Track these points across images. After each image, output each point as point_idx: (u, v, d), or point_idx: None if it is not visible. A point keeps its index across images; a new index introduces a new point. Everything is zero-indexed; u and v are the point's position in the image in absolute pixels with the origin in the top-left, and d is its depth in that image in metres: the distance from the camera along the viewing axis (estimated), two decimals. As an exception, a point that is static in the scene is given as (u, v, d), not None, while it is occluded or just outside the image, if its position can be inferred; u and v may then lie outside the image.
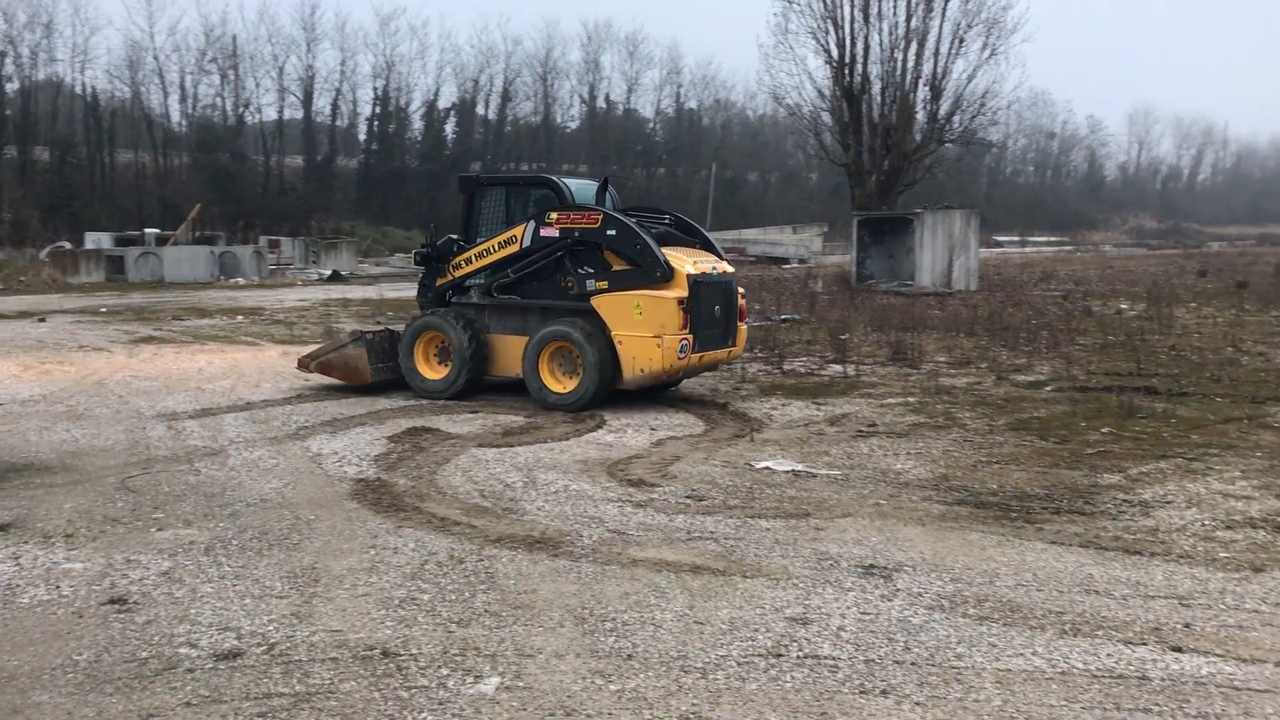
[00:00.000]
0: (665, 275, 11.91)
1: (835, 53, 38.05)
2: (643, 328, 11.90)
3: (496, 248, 12.90)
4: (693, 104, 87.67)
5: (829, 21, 37.79)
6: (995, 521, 7.88)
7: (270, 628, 5.72)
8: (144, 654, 5.39)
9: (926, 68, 37.91)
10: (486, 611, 5.96)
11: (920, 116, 38.56)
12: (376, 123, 70.79)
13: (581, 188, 13.13)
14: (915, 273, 31.77)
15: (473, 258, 13.13)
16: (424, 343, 13.21)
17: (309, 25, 67.66)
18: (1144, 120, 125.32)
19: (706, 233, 13.59)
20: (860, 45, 37.92)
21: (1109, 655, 5.43)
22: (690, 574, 6.62)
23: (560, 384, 12.33)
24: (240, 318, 23.39)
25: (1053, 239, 78.90)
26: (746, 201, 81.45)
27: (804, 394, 13.41)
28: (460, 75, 74.89)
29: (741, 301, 13.10)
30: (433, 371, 13.12)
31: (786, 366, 15.70)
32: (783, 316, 22.44)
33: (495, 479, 8.99)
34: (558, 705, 4.82)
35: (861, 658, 5.37)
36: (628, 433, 11.06)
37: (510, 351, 12.84)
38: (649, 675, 5.14)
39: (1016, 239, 76.88)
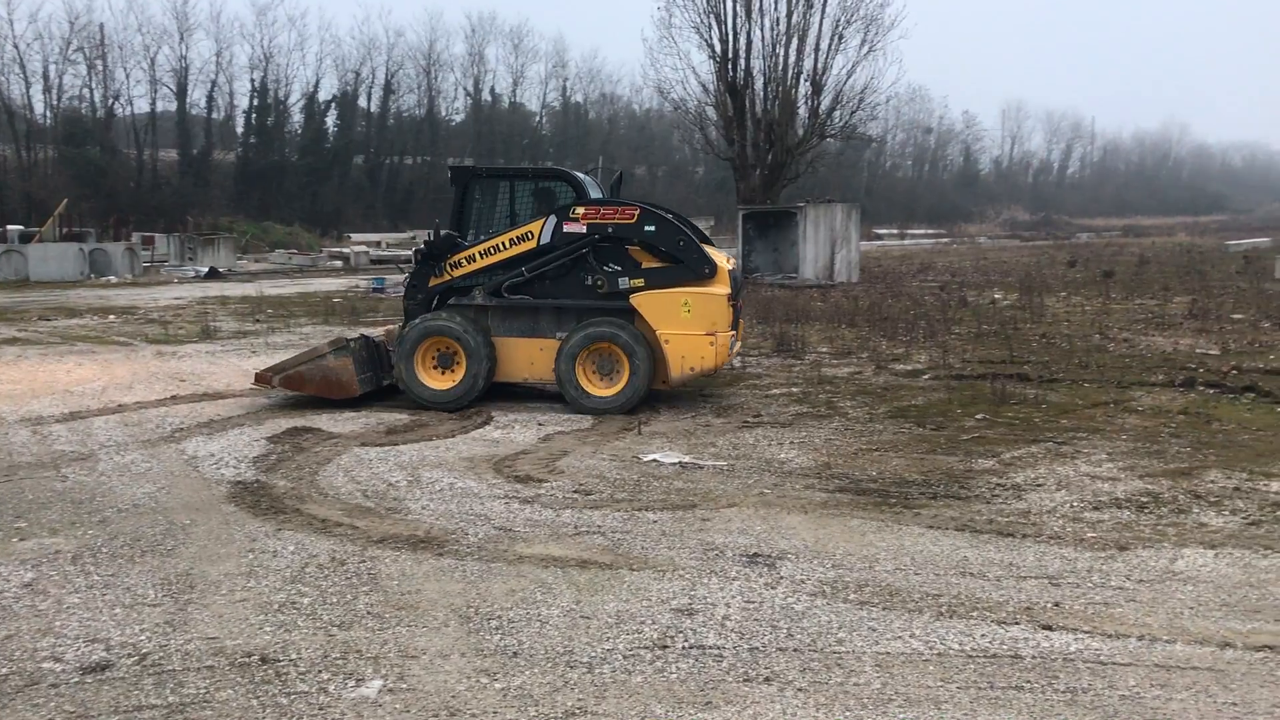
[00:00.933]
0: (712, 271, 11.67)
1: (718, 48, 38.40)
2: (693, 326, 11.58)
3: (508, 244, 12.08)
4: (579, 98, 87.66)
5: (712, 16, 38.11)
6: (875, 508, 8.05)
7: (142, 638, 5.53)
8: (3, 670, 5.16)
9: (808, 63, 38.54)
10: (369, 613, 5.86)
11: (802, 111, 39.17)
12: (255, 115, 68.92)
13: (590, 183, 12.71)
14: (799, 265, 32.25)
15: (476, 256, 12.22)
16: (424, 349, 12.19)
17: (181, 15, 65.84)
18: (1016, 115, 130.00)
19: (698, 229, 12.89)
20: (743, 40, 38.34)
21: (983, 635, 5.60)
22: (577, 569, 6.61)
23: (599, 387, 11.85)
24: (112, 317, 22.55)
25: (930, 231, 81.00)
26: (635, 195, 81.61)
27: (691, 386, 13.50)
28: (341, 67, 73.58)
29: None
30: (436, 380, 12.14)
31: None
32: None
33: (378, 478, 8.84)
34: (442, 706, 4.76)
35: (746, 646, 5.43)
36: (515, 429, 10.99)
37: (516, 355, 12.21)
38: (534, 672, 5.12)
39: (896, 232, 78.75)
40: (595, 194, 12.57)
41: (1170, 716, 4.69)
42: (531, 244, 11.97)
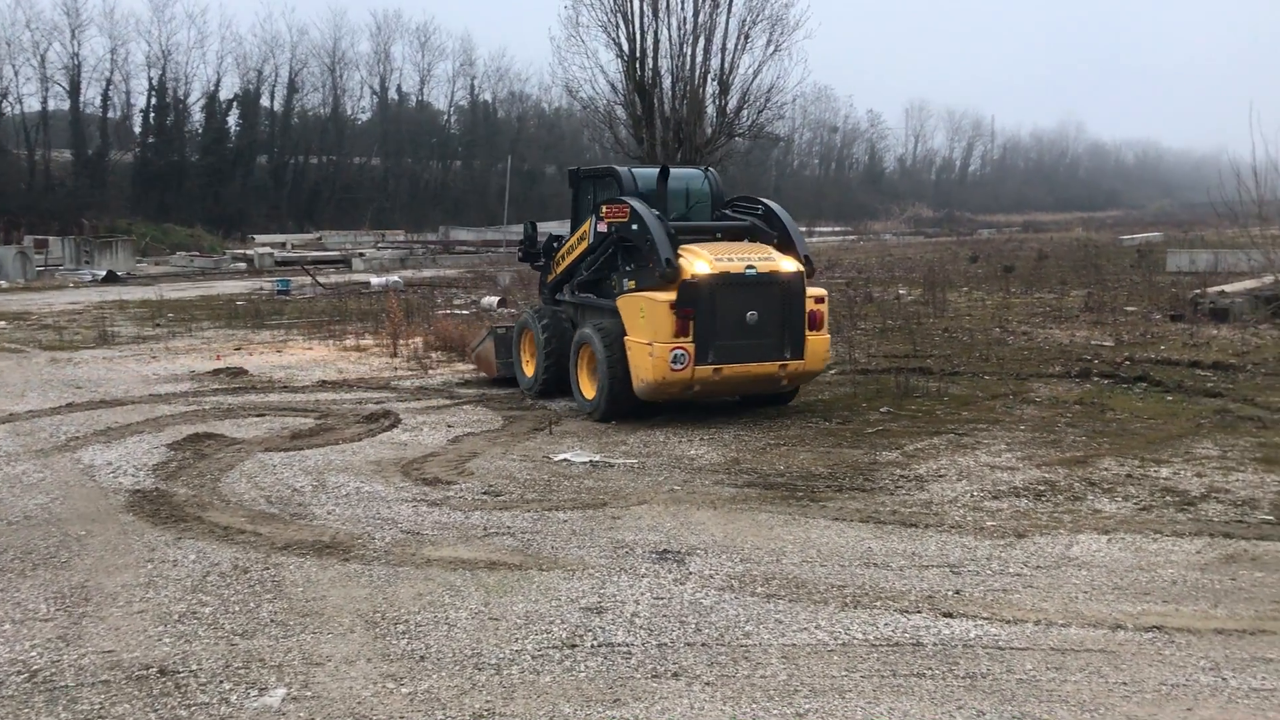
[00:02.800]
0: (664, 274, 10.66)
1: (626, 47, 38.30)
2: (643, 333, 10.82)
3: (576, 244, 12.41)
4: (487, 96, 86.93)
5: (619, 15, 37.96)
6: (783, 502, 8.15)
7: (33, 654, 5.35)
8: (-114, 692, 4.95)
9: (715, 63, 38.62)
10: (273, 621, 5.76)
11: (710, 110, 39.31)
12: (153, 114, 66.98)
13: (647, 177, 12.23)
14: (710, 263, 32.44)
15: (564, 255, 12.70)
16: (525, 340, 13.01)
17: (73, 10, 63.27)
18: (919, 114, 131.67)
19: (790, 224, 11.77)
20: (650, 39, 38.29)
21: (886, 624, 5.70)
22: (486, 570, 6.57)
23: (590, 390, 11.64)
24: (3, 324, 21.76)
25: (837, 229, 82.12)
26: (545, 194, 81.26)
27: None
28: (243, 65, 71.71)
29: (819, 306, 11.27)
30: (530, 368, 12.89)
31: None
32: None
33: (283, 484, 8.69)
34: (347, 712, 4.70)
35: (654, 642, 5.46)
36: (424, 431, 10.89)
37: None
38: (442, 675, 5.08)
39: (804, 229, 79.36)
40: (650, 190, 11.92)
41: (1065, 698, 4.84)
42: (586, 244, 12.15)
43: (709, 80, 38.78)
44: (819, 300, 11.26)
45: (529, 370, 12.84)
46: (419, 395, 12.95)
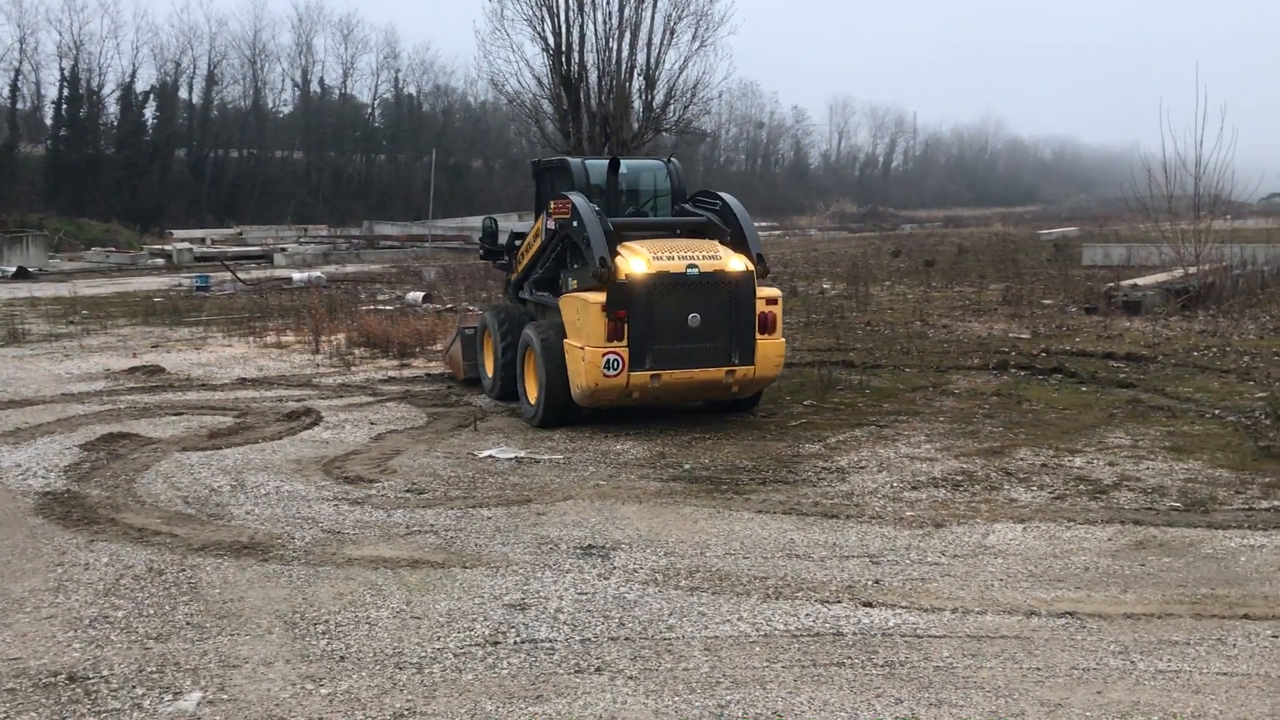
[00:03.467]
0: (597, 274, 9.96)
1: (552, 41, 38.21)
2: (578, 336, 10.15)
3: (532, 241, 11.80)
4: (412, 90, 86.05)
5: (544, 9, 37.85)
6: (707, 495, 8.20)
7: (-64, 663, 5.18)
8: None
9: (640, 58, 38.71)
10: (188, 624, 5.65)
11: (637, 105, 39.40)
12: (65, 106, 65.15)
13: (601, 169, 11.60)
14: (637, 258, 32.50)
15: (524, 252, 12.11)
16: (486, 340, 12.48)
17: (-22, -2, 61.40)
18: (843, 111, 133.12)
19: (745, 221, 10.98)
20: (576, 34, 38.26)
21: (807, 615, 5.77)
22: (408, 569, 6.52)
23: (533, 394, 10.94)
24: (-95, 322, 21.01)
25: (764, 224, 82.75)
26: (472, 188, 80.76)
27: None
28: (160, 57, 70.07)
29: (770, 308, 10.50)
30: (491, 369, 12.34)
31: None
32: (507, 304, 22.43)
33: (200, 484, 8.52)
34: (265, 715, 4.63)
35: (578, 637, 5.46)
36: (346, 429, 10.75)
37: None
38: (362, 675, 5.02)
39: (732, 224, 79.94)
40: (591, 182, 11.36)
41: (980, 684, 4.93)
42: (540, 240, 11.53)
43: (635, 75, 38.81)
44: (771, 301, 10.53)
45: (490, 372, 12.34)
46: (341, 392, 12.78)
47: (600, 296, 9.95)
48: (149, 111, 69.36)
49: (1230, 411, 10.78)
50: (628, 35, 38.42)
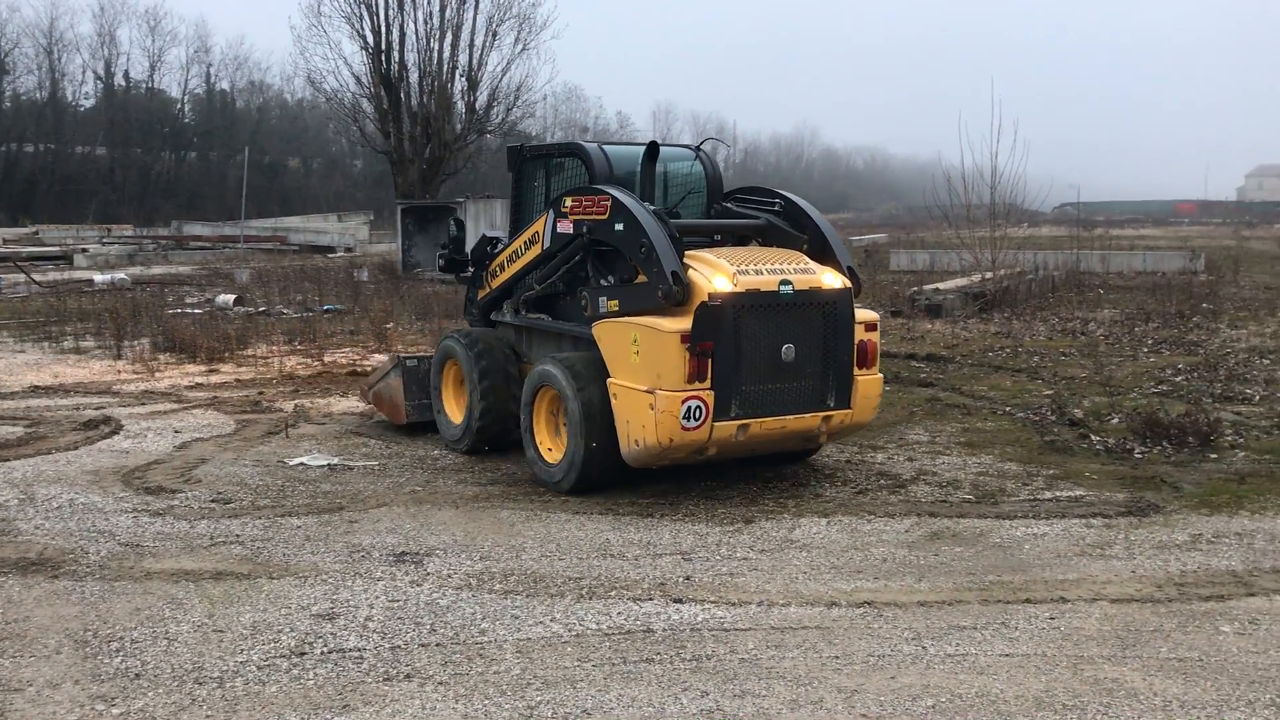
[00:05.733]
0: (670, 294, 7.68)
1: (371, 39, 37.67)
2: (638, 376, 7.81)
3: (523, 248, 9.37)
4: (225, 85, 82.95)
5: (363, 7, 37.30)
6: (525, 498, 8.21)
7: None
8: None
9: (463, 59, 38.56)
10: (-34, 648, 5.31)
11: (460, 106, 39.13)
12: None
13: (625, 157, 9.20)
14: (460, 261, 32.17)
15: (504, 262, 9.67)
16: (449, 374, 10.04)
17: None
18: (665, 117, 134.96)
19: (824, 224, 8.81)
20: (396, 33, 37.81)
21: (619, 613, 5.86)
22: (211, 581, 6.30)
23: (554, 449, 8.60)
24: None
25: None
26: (288, 188, 78.45)
27: (345, 386, 13.17)
28: (-58, 42, 65.54)
29: (870, 335, 8.48)
30: (457, 413, 9.88)
31: (328, 359, 15.33)
32: (326, 307, 21.90)
33: (-16, 498, 8.02)
34: (49, 740, 4.41)
35: (387, 645, 5.39)
36: (148, 437, 10.27)
37: None
38: (159, 693, 4.83)
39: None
40: (630, 173, 9.09)
41: (783, 674, 5.12)
42: (539, 248, 9.13)
43: (457, 76, 38.64)
44: (870, 327, 8.49)
45: (455, 415, 9.89)
46: (144, 399, 12.22)
47: (679, 324, 7.63)
48: (-70, 101, 64.80)
49: (1020, 408, 11.47)
50: (449, 36, 38.19)
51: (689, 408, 7.55)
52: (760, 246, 8.73)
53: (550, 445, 8.60)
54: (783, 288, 7.89)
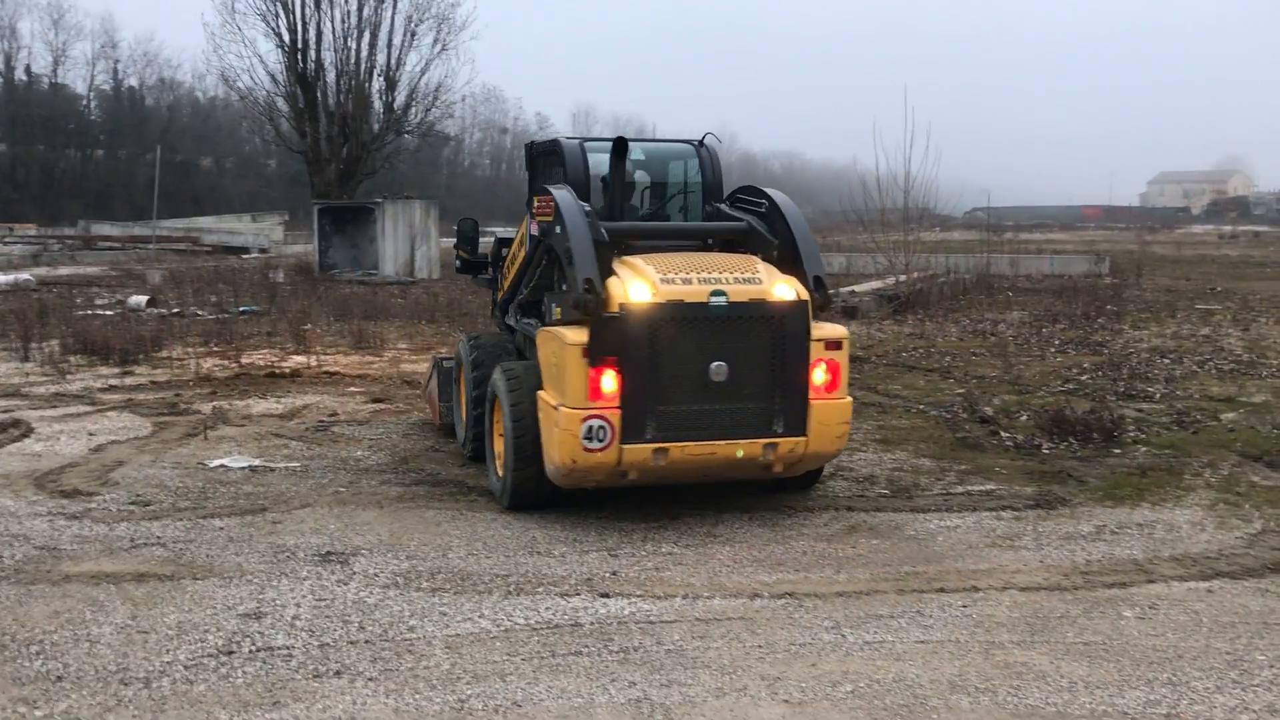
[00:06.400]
0: (580, 302, 7.08)
1: (287, 37, 37.14)
2: (552, 389, 7.44)
3: (518, 250, 9.05)
4: (134, 81, 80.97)
5: (279, 4, 36.76)
6: (451, 498, 8.24)
7: None
8: None
9: (381, 58, 38.26)
10: (-122, 653, 5.20)
11: (377, 106, 38.80)
12: None
13: (605, 154, 8.74)
14: (379, 262, 31.95)
15: (510, 263, 9.31)
16: (462, 379, 9.64)
17: None
18: (585, 119, 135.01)
19: (798, 228, 8.10)
20: (313, 31, 37.36)
21: (547, 608, 5.94)
22: (133, 583, 6.24)
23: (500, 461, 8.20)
24: None
25: (511, 230, 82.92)
26: (200, 188, 76.85)
27: (264, 387, 13.04)
28: None
29: (832, 354, 7.57)
30: (465, 419, 9.50)
31: (245, 360, 15.12)
32: (242, 309, 21.57)
33: (-110, 503, 7.81)
34: (-29, 743, 4.35)
35: (316, 643, 5.41)
36: (61, 440, 10.06)
37: None
38: (83, 694, 4.79)
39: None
40: (601, 170, 8.74)
41: (708, 663, 5.25)
42: (524, 250, 8.82)
43: (375, 75, 38.32)
44: (832, 345, 7.59)
45: (463, 422, 9.51)
46: (55, 402, 11.95)
47: (581, 335, 7.14)
48: None
49: (933, 407, 11.79)
50: (367, 35, 37.87)
51: (589, 427, 7.02)
52: (715, 252, 8.11)
53: (498, 458, 8.22)
54: (714, 299, 7.20)
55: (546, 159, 9.21)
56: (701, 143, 9.13)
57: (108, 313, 20.39)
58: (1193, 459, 9.37)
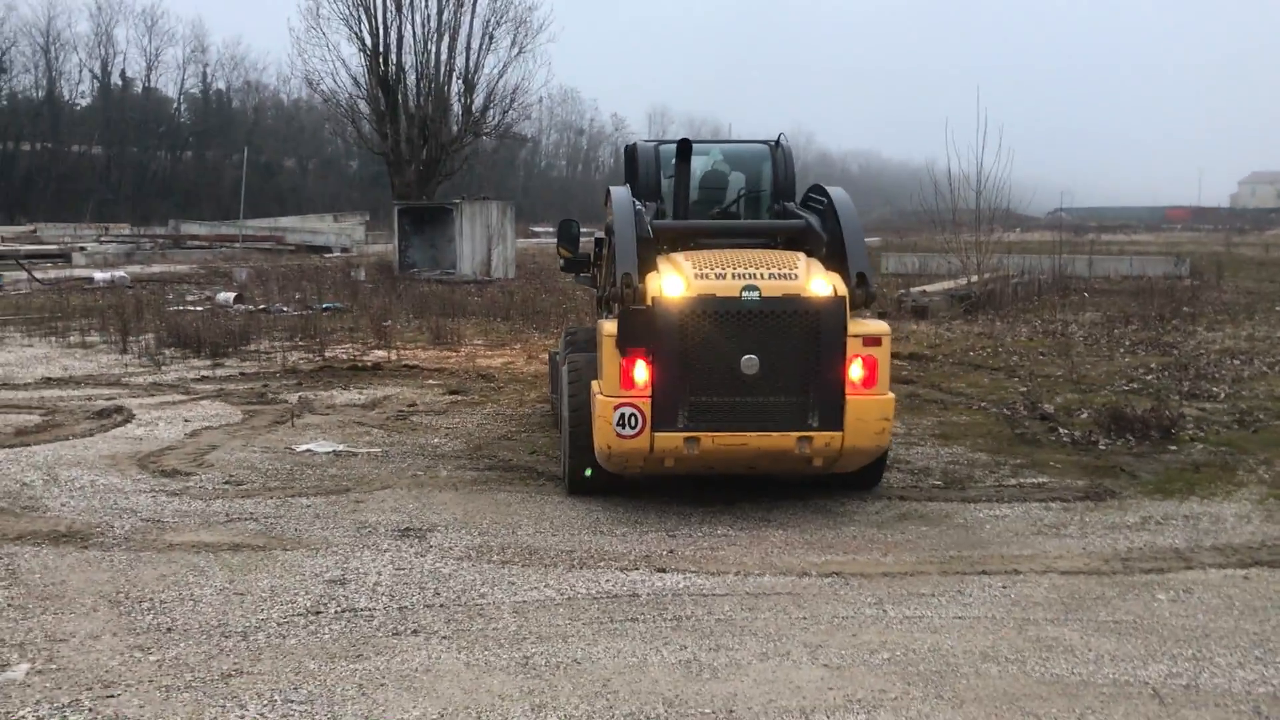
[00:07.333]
0: (615, 294, 7.61)
1: (369, 41, 38.13)
2: (598, 380, 7.79)
3: (608, 247, 9.09)
4: (221, 85, 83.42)
5: (361, 9, 37.77)
6: (521, 482, 8.71)
7: None
8: None
9: (459, 61, 39.06)
10: (10, 605, 5.81)
11: (456, 108, 39.64)
12: None
13: (670, 152, 9.06)
14: (456, 261, 32.71)
15: (605, 261, 9.25)
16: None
17: None
18: (661, 120, 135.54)
19: (849, 224, 8.22)
20: (394, 35, 38.29)
21: (608, 580, 6.37)
22: (230, 552, 6.80)
23: None
24: None
25: (585, 230, 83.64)
26: (284, 188, 78.89)
27: (347, 379, 13.68)
28: (-60, 41, 65.93)
29: (870, 351, 7.55)
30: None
31: (329, 354, 15.82)
32: (325, 305, 22.39)
33: (10, 479, 8.50)
34: (95, 680, 4.90)
35: (395, 606, 5.90)
36: (159, 426, 10.76)
37: None
38: (190, 644, 5.34)
39: (551, 229, 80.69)
40: (661, 173, 9.16)
41: (755, 631, 5.63)
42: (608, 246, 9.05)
43: (454, 78, 39.15)
44: (871, 341, 7.56)
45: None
46: (153, 391, 12.71)
47: (615, 327, 7.45)
48: (-71, 100, 65.19)
49: (994, 404, 11.99)
50: (446, 38, 38.70)
51: (621, 414, 7.31)
52: (763, 249, 8.24)
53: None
54: (746, 294, 7.36)
55: (630, 162, 9.67)
56: (777, 143, 9.50)
57: (198, 308, 21.33)
58: (1248, 456, 9.49)
